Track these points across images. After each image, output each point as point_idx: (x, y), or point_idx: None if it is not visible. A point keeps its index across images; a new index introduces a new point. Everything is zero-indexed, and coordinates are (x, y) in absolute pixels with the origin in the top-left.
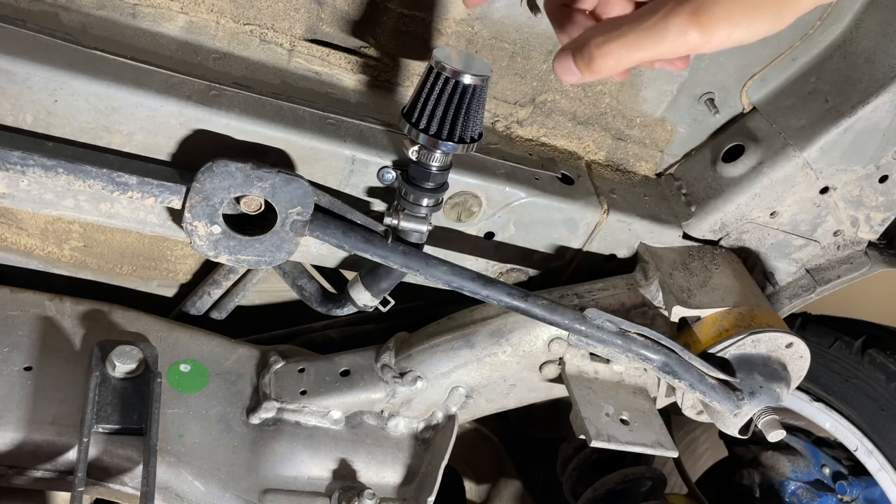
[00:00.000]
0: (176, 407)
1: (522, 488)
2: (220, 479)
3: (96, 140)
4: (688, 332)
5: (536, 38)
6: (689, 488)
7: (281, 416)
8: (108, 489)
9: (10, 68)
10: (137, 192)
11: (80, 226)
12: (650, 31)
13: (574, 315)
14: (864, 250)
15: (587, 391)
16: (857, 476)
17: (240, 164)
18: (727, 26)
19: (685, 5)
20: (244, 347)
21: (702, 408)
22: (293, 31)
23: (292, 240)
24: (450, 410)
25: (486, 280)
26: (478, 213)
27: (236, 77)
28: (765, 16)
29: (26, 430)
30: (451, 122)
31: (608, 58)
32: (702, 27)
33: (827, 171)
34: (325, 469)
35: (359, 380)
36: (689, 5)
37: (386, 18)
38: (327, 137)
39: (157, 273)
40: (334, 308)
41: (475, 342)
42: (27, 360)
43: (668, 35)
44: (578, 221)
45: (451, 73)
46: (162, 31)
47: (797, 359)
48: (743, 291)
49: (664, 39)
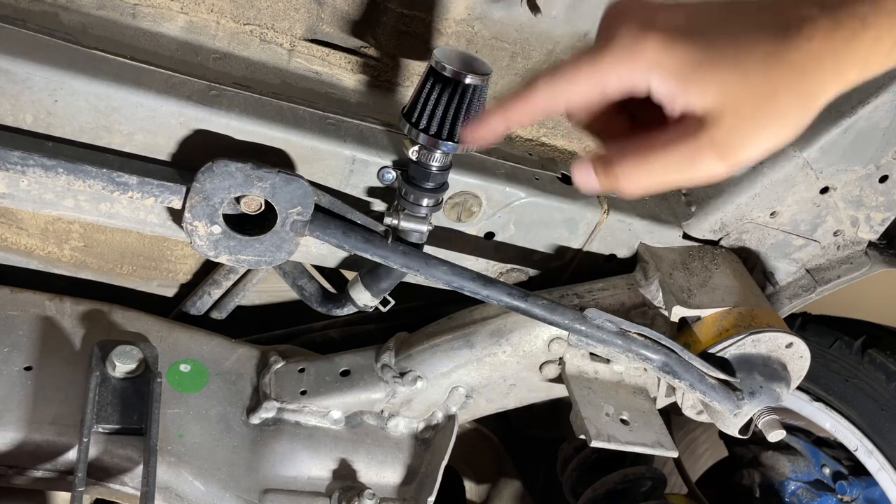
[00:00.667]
0: (176, 407)
1: (522, 488)
2: (221, 479)
3: (96, 140)
4: (688, 332)
5: (536, 38)
6: (689, 488)
7: (281, 416)
8: (108, 489)
9: (10, 68)
10: (137, 192)
11: (80, 226)
12: (679, 165)
13: (574, 315)
14: (864, 250)
15: (587, 391)
16: (857, 476)
17: (240, 164)
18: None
19: (713, 148)
20: (244, 347)
21: (702, 408)
22: (293, 31)
23: (292, 240)
24: (450, 410)
25: (486, 280)
26: (478, 213)
27: (236, 77)
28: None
29: (26, 430)
30: (452, 122)
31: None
32: (730, 164)
33: (827, 171)
34: (325, 469)
35: (359, 380)
36: (714, 151)
37: (386, 18)
38: (327, 137)
39: (157, 273)
40: (334, 308)
41: (475, 342)
42: (27, 360)
43: (697, 172)
44: (578, 221)
45: (451, 73)
46: (162, 31)
47: (797, 359)
48: (743, 291)
49: (692, 175)
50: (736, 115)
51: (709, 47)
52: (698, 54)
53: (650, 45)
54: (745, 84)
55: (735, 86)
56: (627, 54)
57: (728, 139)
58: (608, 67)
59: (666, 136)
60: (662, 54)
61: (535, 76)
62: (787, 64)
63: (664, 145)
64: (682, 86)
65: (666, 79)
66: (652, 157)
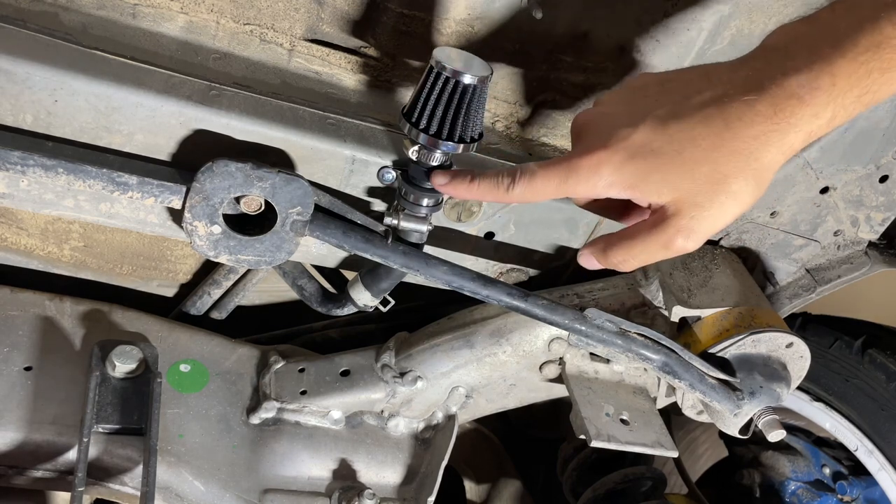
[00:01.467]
0: (176, 407)
1: (522, 488)
2: (220, 479)
3: (96, 140)
4: (688, 332)
5: (537, 38)
6: (689, 488)
7: (281, 416)
8: (108, 489)
9: (10, 68)
10: (137, 192)
11: (80, 226)
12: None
13: (574, 315)
14: (864, 250)
15: (587, 391)
16: (857, 476)
17: (240, 164)
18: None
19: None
20: (244, 347)
21: (702, 408)
22: (293, 31)
23: (292, 240)
24: (450, 410)
25: (486, 280)
26: (478, 213)
27: (236, 77)
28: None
29: (26, 430)
30: (452, 122)
31: (625, 265)
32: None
33: (827, 170)
34: (325, 469)
35: (359, 380)
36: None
37: (386, 18)
38: (327, 137)
39: (157, 273)
40: (334, 308)
41: (475, 342)
42: (27, 360)
43: (672, 251)
44: (578, 221)
45: (451, 73)
46: (162, 31)
47: (797, 359)
48: (743, 291)
49: (668, 254)
50: (693, 204)
51: (656, 157)
52: (646, 166)
53: (606, 171)
54: (694, 179)
55: (685, 181)
56: (587, 178)
57: (690, 224)
58: (573, 185)
59: (642, 228)
60: (616, 175)
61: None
62: (732, 153)
63: (643, 236)
64: (638, 192)
65: (624, 191)
66: (635, 247)
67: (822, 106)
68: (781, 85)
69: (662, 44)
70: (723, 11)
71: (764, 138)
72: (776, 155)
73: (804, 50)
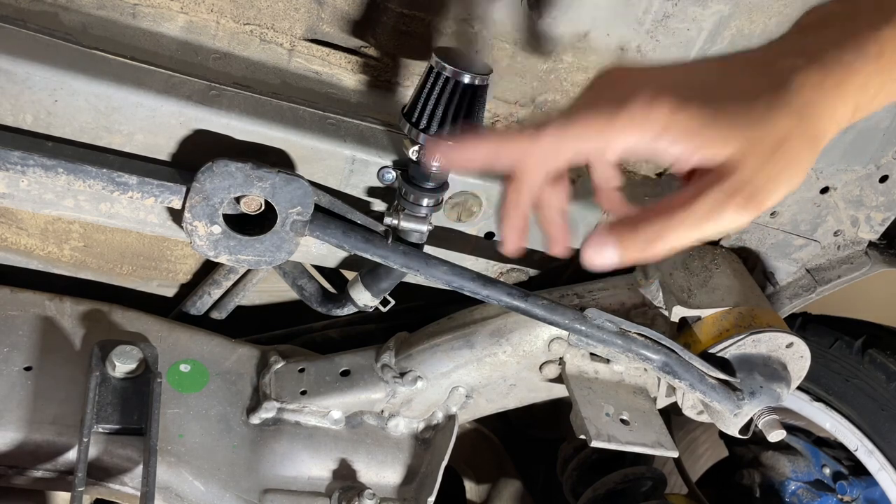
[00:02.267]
0: (176, 407)
1: (522, 488)
2: (220, 479)
3: (96, 140)
4: (688, 332)
5: (537, 38)
6: (689, 488)
7: (281, 416)
8: (108, 489)
9: (10, 68)
10: (137, 192)
11: (80, 226)
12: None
13: (574, 315)
14: (864, 250)
15: (587, 391)
16: (857, 476)
17: (240, 164)
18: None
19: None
20: (244, 347)
21: (702, 408)
22: (293, 31)
23: (292, 240)
24: (450, 410)
25: (486, 280)
26: (478, 213)
27: (236, 77)
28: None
29: (26, 430)
30: (452, 122)
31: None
32: (754, 211)
33: (827, 170)
34: (325, 469)
35: (359, 380)
36: (740, 196)
37: (386, 18)
38: (327, 137)
39: (157, 273)
40: (334, 308)
41: (475, 342)
42: (27, 360)
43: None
44: (579, 221)
45: (451, 72)
46: (162, 31)
47: (797, 359)
48: (743, 291)
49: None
50: (757, 160)
51: (716, 103)
52: (708, 110)
53: (663, 110)
54: (760, 130)
55: (751, 131)
56: (641, 117)
57: (752, 184)
58: (620, 127)
59: (685, 192)
60: (674, 116)
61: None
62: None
63: (687, 201)
64: (698, 141)
65: (679, 139)
66: (678, 215)
67: (869, 76)
68: (827, 51)
69: (662, 44)
70: (723, 11)
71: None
72: (827, 123)
73: (847, 21)
